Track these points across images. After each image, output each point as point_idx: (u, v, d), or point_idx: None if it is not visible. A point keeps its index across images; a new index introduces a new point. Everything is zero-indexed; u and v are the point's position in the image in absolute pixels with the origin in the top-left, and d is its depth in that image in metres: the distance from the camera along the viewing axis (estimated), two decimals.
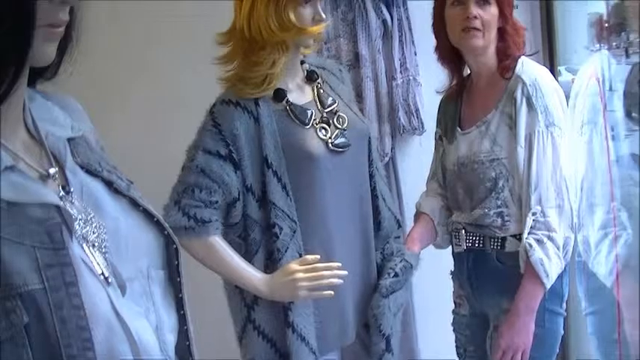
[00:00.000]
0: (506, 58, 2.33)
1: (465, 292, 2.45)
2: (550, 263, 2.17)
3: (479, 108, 2.36)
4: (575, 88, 2.83)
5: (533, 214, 2.19)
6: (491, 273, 2.31)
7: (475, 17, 2.28)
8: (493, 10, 2.29)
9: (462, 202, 2.39)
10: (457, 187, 2.40)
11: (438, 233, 2.47)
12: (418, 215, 2.51)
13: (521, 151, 2.22)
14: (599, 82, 2.76)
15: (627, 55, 2.84)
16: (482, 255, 2.32)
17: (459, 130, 2.40)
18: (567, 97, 3.12)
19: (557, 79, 3.19)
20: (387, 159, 3.23)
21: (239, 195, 2.06)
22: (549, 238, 2.18)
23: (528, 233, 2.19)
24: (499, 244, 2.28)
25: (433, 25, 2.43)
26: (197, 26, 2.74)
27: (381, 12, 3.23)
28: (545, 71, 2.35)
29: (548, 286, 2.19)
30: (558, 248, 2.19)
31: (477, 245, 2.34)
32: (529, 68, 2.29)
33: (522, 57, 2.34)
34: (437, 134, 2.55)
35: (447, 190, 2.47)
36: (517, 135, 2.22)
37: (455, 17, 2.31)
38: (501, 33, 2.34)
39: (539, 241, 2.18)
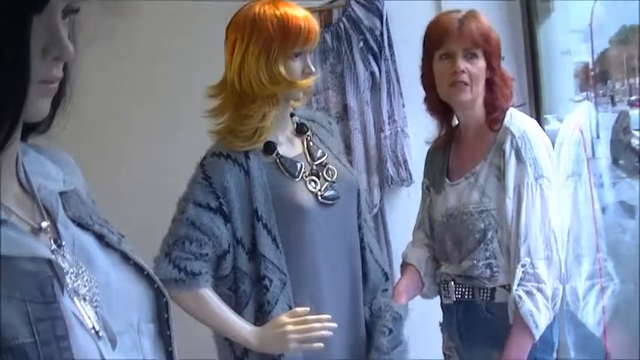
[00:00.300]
0: (494, 111, 2.33)
1: (454, 344, 2.43)
2: (539, 315, 2.16)
3: (467, 159, 2.36)
4: (559, 138, 2.86)
5: (523, 265, 2.18)
6: (481, 324, 2.30)
7: (463, 71, 2.29)
8: (481, 63, 2.30)
9: (450, 253, 2.38)
10: (445, 238, 2.39)
11: (425, 284, 2.45)
12: (404, 266, 2.50)
13: (510, 203, 2.22)
14: (582, 132, 2.80)
15: (613, 104, 2.88)
16: (471, 306, 2.30)
17: (447, 181, 2.40)
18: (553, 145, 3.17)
19: (544, 129, 3.24)
20: (375, 210, 3.25)
21: (229, 247, 2.07)
22: (539, 289, 2.17)
23: (518, 285, 2.18)
24: (488, 295, 2.27)
25: (422, 77, 2.44)
26: (188, 79, 2.77)
27: (369, 64, 3.27)
28: (533, 123, 2.36)
29: (537, 337, 2.18)
30: (547, 299, 2.18)
31: (466, 297, 2.33)
32: (518, 120, 2.30)
33: (511, 109, 2.34)
34: (424, 184, 2.55)
35: (435, 241, 2.46)
36: (506, 187, 2.22)
37: (443, 71, 2.33)
38: (489, 85, 2.34)
39: (528, 293, 2.17)
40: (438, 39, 2.33)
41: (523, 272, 2.18)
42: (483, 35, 2.31)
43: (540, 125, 3.21)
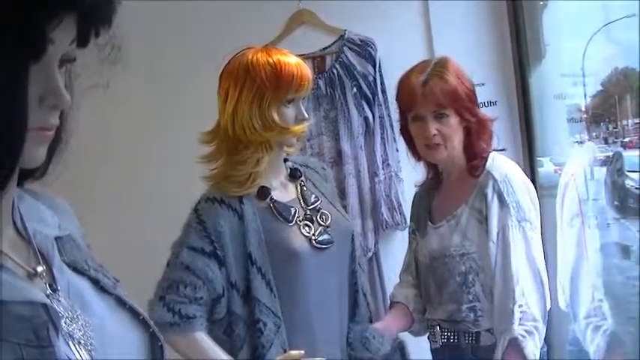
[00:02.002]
0: (474, 157, 2.34)
1: None
2: (537, 353, 2.17)
3: (449, 202, 2.37)
4: (563, 181, 2.87)
5: (520, 306, 2.18)
6: None
7: (435, 134, 2.30)
8: (452, 121, 2.30)
9: (433, 296, 2.38)
10: (429, 280, 2.39)
11: (414, 320, 2.45)
12: (392, 305, 2.51)
13: (493, 247, 2.22)
14: (574, 179, 2.81)
15: (607, 144, 2.90)
16: (457, 350, 2.30)
17: (430, 224, 2.41)
18: (550, 188, 3.18)
19: (536, 171, 3.26)
20: (370, 254, 3.25)
21: (223, 291, 2.07)
22: (536, 328, 2.18)
23: (518, 325, 2.17)
24: (473, 338, 2.27)
25: (401, 131, 2.49)
26: (184, 128, 2.79)
27: (363, 110, 3.29)
28: (514, 167, 2.37)
29: None
30: (541, 339, 2.19)
31: (451, 341, 2.33)
32: (499, 164, 2.31)
33: (493, 152, 2.35)
34: (410, 228, 2.57)
35: (421, 284, 2.46)
36: (489, 230, 2.22)
37: (416, 133, 2.36)
38: (467, 132, 2.34)
39: (529, 332, 2.17)
40: (406, 103, 2.35)
41: (521, 312, 2.18)
42: (450, 94, 2.29)
43: (533, 168, 3.24)
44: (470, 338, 2.27)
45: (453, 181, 2.39)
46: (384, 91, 3.31)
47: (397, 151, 3.31)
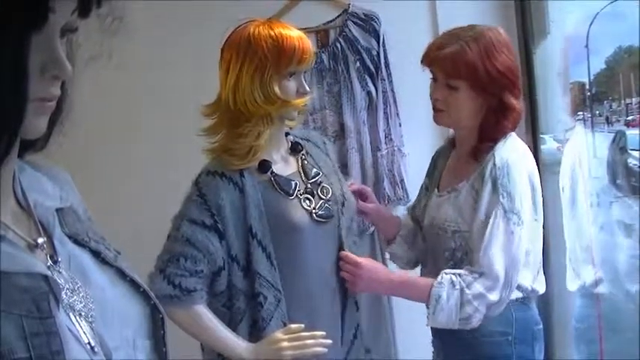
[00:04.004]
0: (483, 139, 2.27)
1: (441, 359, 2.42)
2: (444, 307, 2.13)
3: (456, 173, 2.35)
4: (566, 159, 2.86)
5: (472, 272, 2.15)
6: (459, 344, 2.26)
7: (437, 99, 2.28)
8: (463, 94, 2.23)
9: (427, 261, 2.41)
10: (427, 245, 2.40)
11: (396, 240, 2.49)
12: None
13: (477, 228, 2.17)
14: (578, 157, 2.81)
15: (609, 124, 2.90)
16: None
17: (436, 190, 2.40)
18: (552, 165, 3.18)
19: (539, 148, 3.25)
20: (372, 229, 3.25)
21: (224, 264, 2.08)
22: (462, 290, 2.13)
23: (454, 273, 2.16)
24: None
25: None
26: (184, 99, 2.78)
27: (366, 84, 3.28)
28: (522, 155, 2.26)
29: (428, 322, 2.18)
30: (462, 305, 2.13)
31: None
32: (507, 149, 2.23)
33: (512, 134, 2.28)
34: (424, 184, 2.55)
35: (417, 238, 2.48)
36: (477, 210, 2.18)
37: (430, 91, 2.34)
38: (487, 112, 2.27)
39: (452, 283, 2.14)
40: (424, 57, 2.32)
41: (467, 273, 2.14)
42: (463, 67, 2.21)
43: (536, 145, 3.23)
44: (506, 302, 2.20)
45: (464, 154, 2.35)
46: (387, 66, 3.30)
47: (400, 125, 3.31)
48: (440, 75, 2.27)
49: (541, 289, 2.29)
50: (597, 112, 3.01)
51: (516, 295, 2.22)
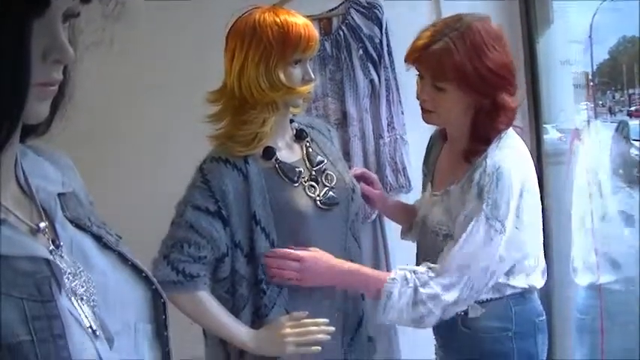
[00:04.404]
0: (474, 140, 2.16)
1: (441, 352, 2.40)
2: (395, 305, 2.07)
3: (449, 172, 2.27)
4: (570, 149, 2.85)
5: (430, 268, 2.09)
6: (458, 338, 2.24)
7: (424, 100, 2.20)
8: (451, 95, 2.12)
9: (419, 257, 2.34)
10: (419, 242, 2.37)
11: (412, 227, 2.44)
12: None
13: (458, 224, 2.10)
14: (582, 142, 2.80)
15: (612, 114, 2.89)
16: (449, 322, 2.17)
17: (430, 186, 2.35)
18: (555, 155, 3.18)
19: (542, 138, 3.25)
20: (374, 217, 3.26)
21: (227, 251, 2.08)
22: (415, 289, 2.07)
23: (410, 270, 2.10)
24: (462, 310, 2.16)
25: None
26: (188, 85, 2.78)
27: (369, 72, 3.28)
28: (516, 157, 2.15)
29: (378, 319, 2.12)
30: (414, 304, 2.07)
31: None
32: (500, 152, 2.11)
33: (509, 131, 2.18)
34: (423, 171, 2.50)
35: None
36: (461, 211, 2.11)
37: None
38: (476, 112, 2.15)
39: (405, 280, 2.08)
40: (408, 55, 2.21)
41: (425, 271, 2.09)
42: (449, 70, 2.09)
43: (539, 135, 3.23)
44: (465, 307, 2.15)
45: (456, 151, 2.25)
46: (390, 54, 3.29)
47: (402, 113, 3.31)
48: (426, 75, 2.17)
49: (538, 284, 2.24)
50: (600, 102, 3.00)
51: (513, 290, 2.18)
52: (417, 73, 2.22)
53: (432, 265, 2.10)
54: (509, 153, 2.13)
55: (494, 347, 2.18)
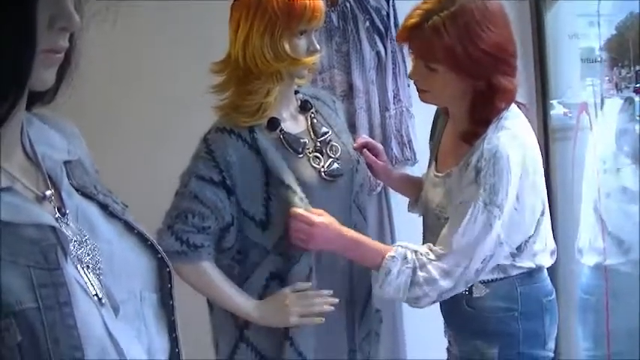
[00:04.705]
0: (474, 122, 2.11)
1: (450, 332, 2.39)
2: (392, 282, 2.06)
3: (450, 154, 2.23)
4: (577, 124, 2.83)
5: (431, 250, 2.07)
6: (463, 318, 2.23)
7: (416, 80, 2.16)
8: (442, 76, 2.06)
9: (423, 237, 2.33)
10: (423, 220, 2.34)
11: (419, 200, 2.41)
12: None
13: (451, 210, 2.09)
14: (590, 116, 2.79)
15: (619, 90, 2.87)
16: (453, 300, 2.17)
17: (434, 166, 2.30)
18: (561, 130, 3.17)
19: (548, 113, 3.24)
20: (379, 189, 3.25)
21: (233, 220, 2.08)
22: (414, 270, 2.05)
23: (412, 250, 2.08)
24: (467, 290, 2.16)
25: None
26: (193, 56, 2.76)
27: (375, 44, 3.26)
28: (515, 137, 2.08)
29: (374, 291, 2.14)
30: (411, 284, 2.06)
31: None
32: (500, 133, 2.06)
33: (511, 111, 2.12)
34: (430, 144, 2.45)
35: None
36: (457, 194, 2.08)
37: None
38: (474, 95, 2.09)
39: (405, 259, 2.06)
40: (398, 36, 2.18)
41: (426, 253, 2.07)
42: (439, 53, 2.03)
43: (545, 110, 3.22)
44: (463, 290, 2.14)
45: (457, 131, 2.20)
46: (397, 26, 3.27)
47: (409, 86, 3.28)
48: (416, 55, 2.13)
49: (547, 263, 2.21)
50: (607, 78, 2.98)
51: (519, 270, 2.16)
52: (412, 56, 2.17)
53: (434, 247, 2.08)
54: (508, 134, 2.07)
55: (499, 327, 2.17)
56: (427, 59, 2.08)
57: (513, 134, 2.08)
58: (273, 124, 2.13)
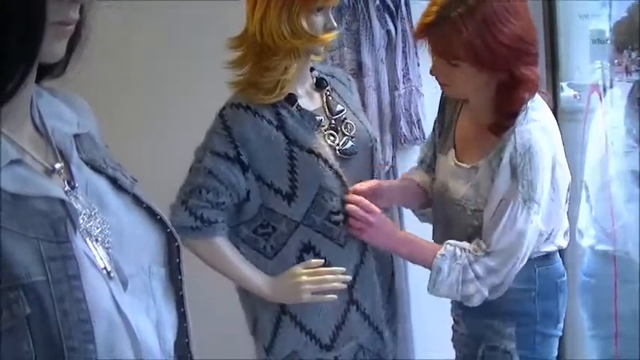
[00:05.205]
0: (502, 114, 2.09)
1: (459, 312, 2.37)
2: (445, 280, 2.09)
3: (474, 144, 2.20)
4: (587, 106, 2.82)
5: (479, 247, 2.08)
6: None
7: (437, 75, 2.14)
8: (463, 71, 2.03)
9: (437, 223, 2.33)
10: (437, 204, 2.31)
11: (427, 201, 2.38)
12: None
13: (491, 209, 2.07)
14: (601, 97, 2.77)
15: (628, 73, 2.85)
16: None
17: (453, 153, 2.25)
18: (570, 112, 3.15)
19: (558, 95, 3.22)
20: (387, 168, 3.25)
21: (248, 195, 2.08)
22: (464, 267, 2.08)
23: (460, 247, 2.10)
24: None
25: None
26: (207, 29, 2.75)
27: (385, 22, 3.24)
28: (546, 128, 2.09)
29: (431, 292, 2.15)
30: (463, 282, 2.08)
31: None
32: (530, 125, 2.05)
33: (532, 104, 2.08)
34: (436, 122, 2.41)
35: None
36: (493, 192, 2.07)
37: None
38: (498, 86, 2.07)
39: (454, 257, 2.09)
40: (416, 33, 2.14)
41: (472, 249, 2.09)
42: (459, 49, 2.00)
43: (556, 93, 3.20)
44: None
45: (480, 122, 2.17)
46: (407, 4, 3.26)
47: (418, 65, 3.28)
48: (435, 53, 2.09)
49: (563, 244, 2.24)
50: (616, 61, 2.96)
51: (539, 254, 2.17)
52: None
53: (481, 242, 2.09)
54: (538, 127, 2.06)
55: (516, 307, 2.17)
56: (447, 57, 2.06)
57: (542, 127, 2.08)
58: (290, 100, 2.12)
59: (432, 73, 2.17)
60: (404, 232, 2.19)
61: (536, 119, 2.08)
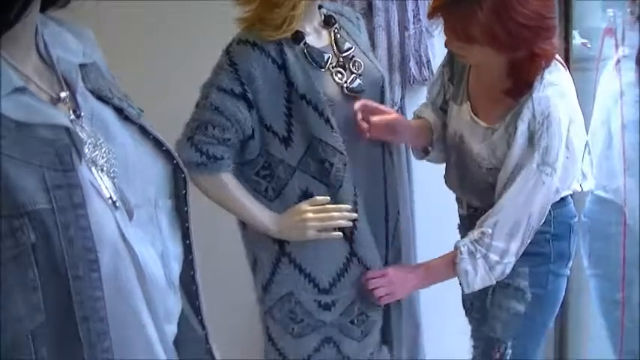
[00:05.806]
0: (518, 81, 2.08)
1: None
2: (475, 278, 2.14)
3: (491, 104, 2.18)
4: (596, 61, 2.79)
5: (483, 232, 2.11)
6: None
7: (452, 49, 2.13)
8: (479, 50, 2.00)
9: (452, 173, 2.34)
10: (452, 156, 2.32)
11: (433, 148, 2.38)
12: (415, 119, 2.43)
13: (505, 174, 2.09)
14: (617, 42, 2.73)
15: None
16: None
17: (468, 107, 2.23)
18: (580, 61, 3.11)
19: (571, 43, 3.18)
20: (396, 108, 3.22)
21: (253, 133, 2.07)
22: (484, 256, 2.11)
23: (469, 241, 2.12)
24: None
25: None
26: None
27: None
28: (563, 92, 2.08)
29: (467, 290, 2.19)
30: (491, 268, 2.13)
31: (475, 213, 2.26)
32: (547, 90, 2.04)
33: (549, 69, 2.07)
34: (444, 66, 2.38)
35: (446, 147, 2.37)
36: (509, 157, 2.07)
37: None
38: (515, 61, 2.05)
39: (471, 254, 2.12)
40: (430, 14, 2.09)
41: (480, 235, 2.11)
42: (477, 33, 1.95)
43: (568, 39, 3.15)
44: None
45: (495, 84, 2.14)
46: None
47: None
48: (450, 34, 2.04)
49: (577, 188, 2.29)
50: (629, 10, 2.91)
51: (556, 199, 2.19)
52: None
53: (485, 224, 2.10)
54: (557, 94, 2.06)
55: (532, 249, 2.18)
56: (462, 40, 2.01)
57: (561, 91, 2.08)
58: (297, 37, 2.10)
59: (446, 46, 2.14)
60: (417, 264, 2.27)
61: (555, 83, 2.07)
